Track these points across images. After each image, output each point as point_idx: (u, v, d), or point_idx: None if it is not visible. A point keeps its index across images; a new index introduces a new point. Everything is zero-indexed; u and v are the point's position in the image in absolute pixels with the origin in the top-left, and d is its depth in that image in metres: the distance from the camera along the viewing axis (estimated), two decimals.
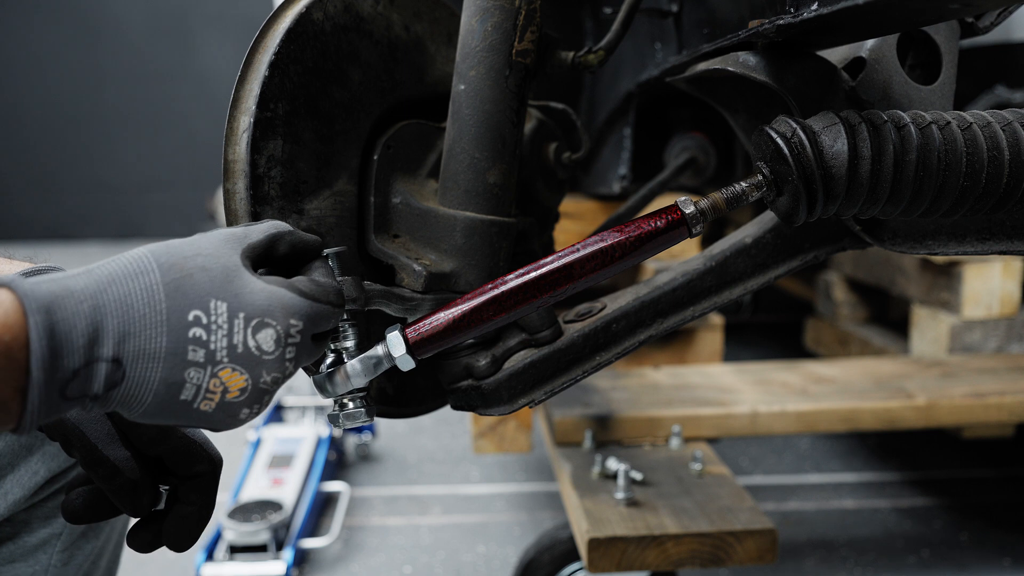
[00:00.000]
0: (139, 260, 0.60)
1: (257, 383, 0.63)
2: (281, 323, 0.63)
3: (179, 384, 0.59)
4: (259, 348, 0.62)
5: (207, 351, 0.60)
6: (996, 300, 2.00)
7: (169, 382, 0.59)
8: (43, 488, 0.89)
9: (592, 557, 1.17)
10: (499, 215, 0.90)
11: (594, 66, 0.97)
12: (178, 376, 0.59)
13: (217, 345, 0.60)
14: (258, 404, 0.64)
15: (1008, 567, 1.82)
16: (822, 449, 2.49)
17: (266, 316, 0.63)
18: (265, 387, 0.63)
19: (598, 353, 0.93)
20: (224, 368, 0.61)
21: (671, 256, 1.81)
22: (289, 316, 0.64)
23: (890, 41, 0.90)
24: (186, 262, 0.61)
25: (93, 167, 8.86)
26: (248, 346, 0.62)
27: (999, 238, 0.88)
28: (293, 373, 0.66)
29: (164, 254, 0.61)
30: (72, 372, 0.55)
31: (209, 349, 0.60)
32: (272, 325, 0.63)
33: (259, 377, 0.63)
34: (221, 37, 8.39)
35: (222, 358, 0.61)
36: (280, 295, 0.64)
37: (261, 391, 0.63)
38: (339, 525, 1.99)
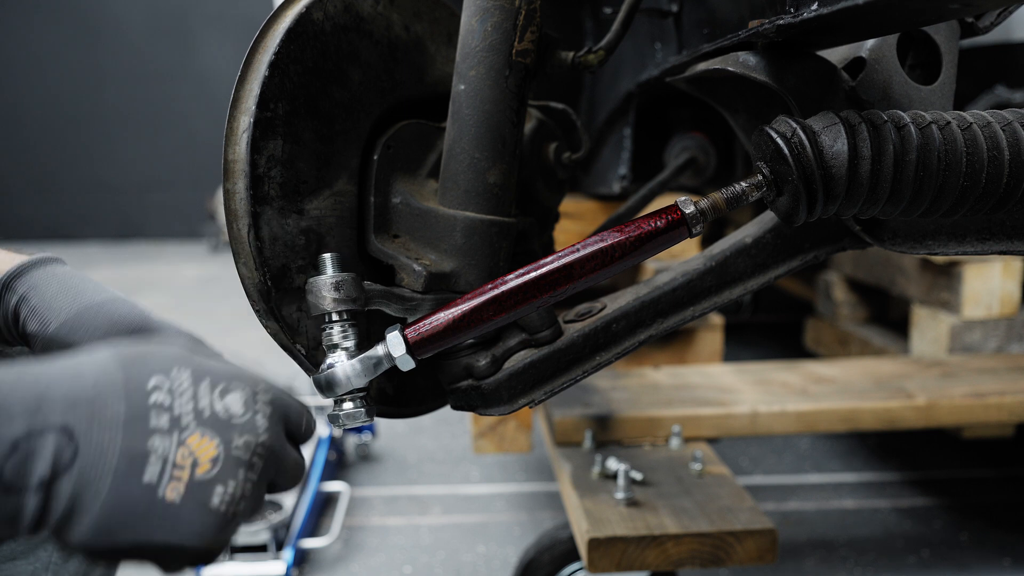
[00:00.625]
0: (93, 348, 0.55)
1: (229, 450, 0.56)
2: (248, 385, 0.59)
3: (143, 457, 0.52)
4: (228, 411, 0.57)
5: (171, 416, 0.54)
6: (996, 300, 2.00)
7: (131, 454, 0.52)
8: None
9: (592, 557, 1.17)
10: (499, 215, 0.90)
11: (594, 66, 0.97)
12: (142, 445, 0.52)
13: (182, 410, 0.55)
14: (233, 480, 0.56)
15: (1008, 567, 1.82)
16: (822, 449, 2.49)
17: (232, 380, 0.58)
18: (239, 454, 0.56)
19: (598, 353, 0.93)
20: (192, 433, 0.55)
21: (671, 256, 1.81)
22: (254, 383, 0.60)
23: (890, 41, 0.90)
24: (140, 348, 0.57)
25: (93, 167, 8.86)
26: (215, 409, 0.56)
27: (999, 238, 0.88)
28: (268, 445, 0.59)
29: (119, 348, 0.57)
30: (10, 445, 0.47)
31: (174, 414, 0.54)
32: (239, 388, 0.58)
33: (231, 442, 0.56)
34: (221, 37, 8.39)
35: (189, 423, 0.55)
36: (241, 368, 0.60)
37: (235, 460, 0.56)
38: (339, 525, 1.99)
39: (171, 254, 7.68)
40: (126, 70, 8.55)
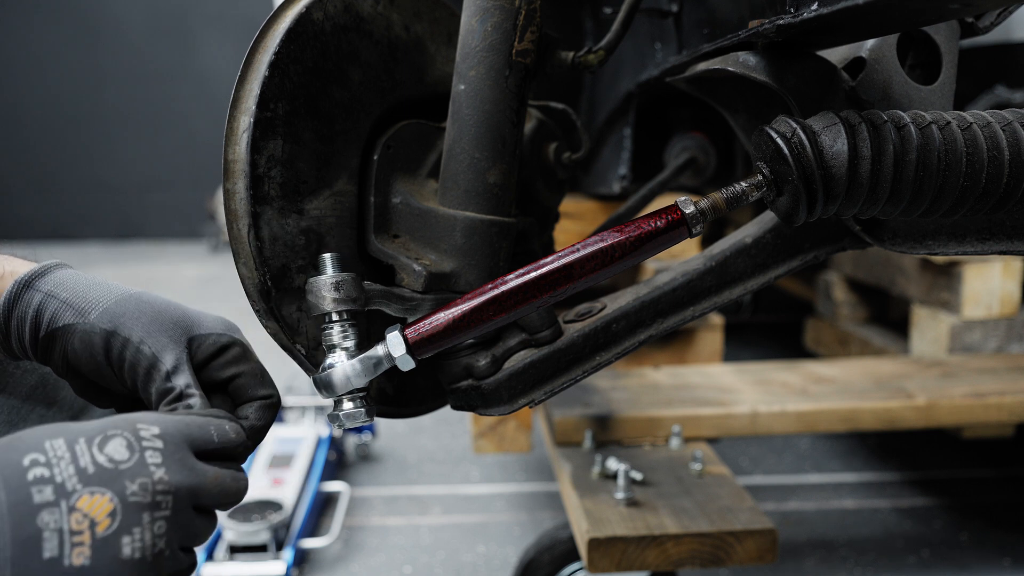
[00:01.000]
0: None
1: (125, 498, 0.54)
2: (127, 429, 0.57)
3: (36, 537, 0.51)
4: (111, 460, 0.55)
5: (55, 485, 0.53)
6: (996, 300, 2.00)
7: (23, 539, 0.50)
8: None
9: (592, 557, 1.17)
10: (499, 215, 0.90)
11: (594, 66, 0.97)
12: (31, 527, 0.51)
13: (64, 475, 0.53)
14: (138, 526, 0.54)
15: (1008, 567, 1.82)
16: (822, 449, 2.49)
17: (108, 430, 0.57)
18: (136, 498, 0.55)
19: (598, 353, 0.93)
20: (81, 496, 0.53)
21: (671, 256, 1.81)
22: (135, 423, 0.58)
23: (890, 41, 0.90)
24: (9, 435, 0.55)
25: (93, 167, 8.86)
26: (99, 462, 0.55)
27: (999, 238, 0.88)
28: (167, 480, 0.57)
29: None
30: None
31: (56, 483, 0.53)
32: (118, 434, 0.57)
33: (124, 489, 0.54)
34: (221, 37, 8.39)
35: (74, 486, 0.53)
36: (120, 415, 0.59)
37: (134, 505, 0.55)
38: (339, 525, 1.99)
39: (171, 254, 7.68)
40: (126, 70, 8.55)
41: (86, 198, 8.94)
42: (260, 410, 0.72)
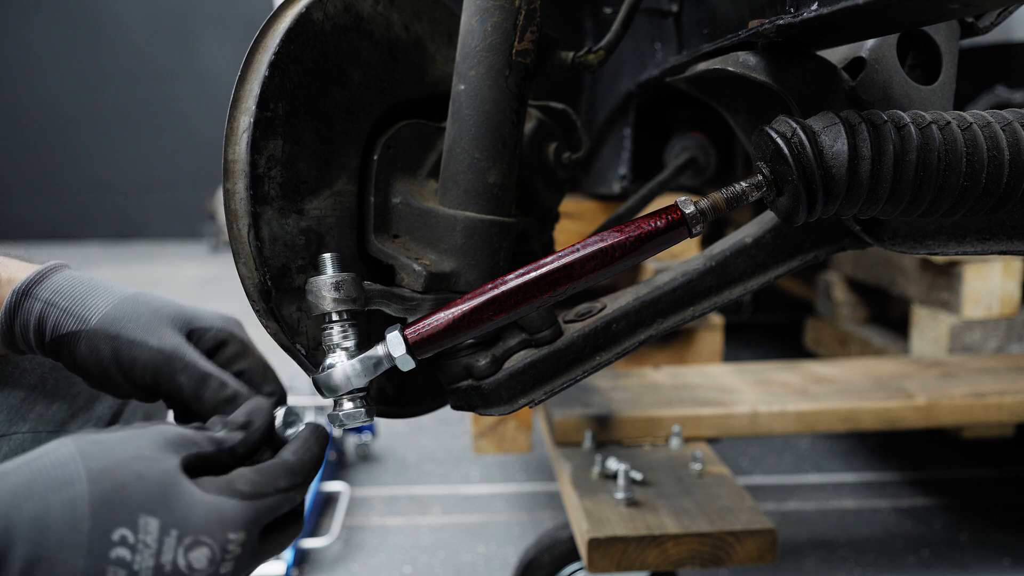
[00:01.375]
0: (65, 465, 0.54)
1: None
2: (218, 539, 0.57)
3: None
4: (190, 567, 0.56)
5: (129, 572, 0.53)
6: (996, 300, 2.00)
7: None
8: None
9: (592, 557, 1.17)
10: (499, 215, 0.90)
11: (594, 66, 0.97)
12: None
13: (142, 566, 0.54)
14: None
15: (1008, 567, 1.82)
16: (822, 449, 2.49)
17: (202, 534, 0.57)
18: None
19: (598, 353, 0.93)
20: None
21: (671, 256, 1.81)
22: (228, 530, 0.58)
23: (890, 41, 0.90)
24: (119, 468, 0.55)
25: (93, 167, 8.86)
26: (178, 565, 0.55)
27: (999, 238, 0.88)
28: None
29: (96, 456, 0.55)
30: None
31: (132, 570, 0.53)
32: (207, 544, 0.57)
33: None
34: (221, 37, 8.39)
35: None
36: (219, 507, 0.58)
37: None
38: (339, 525, 1.99)
39: (171, 254, 7.68)
40: (126, 70, 8.55)
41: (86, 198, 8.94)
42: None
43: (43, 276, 0.74)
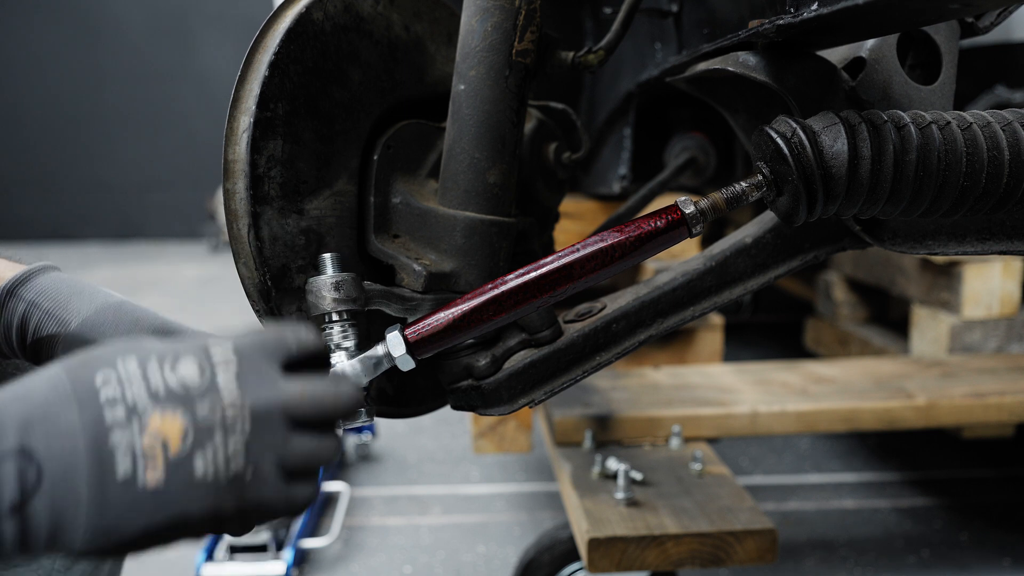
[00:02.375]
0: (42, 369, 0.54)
1: (196, 420, 0.54)
2: (199, 349, 0.56)
3: (110, 456, 0.51)
4: (183, 382, 0.55)
5: (126, 406, 0.53)
6: (996, 300, 2.00)
7: (98, 458, 0.51)
8: None
9: (592, 557, 1.17)
10: (499, 215, 0.90)
11: (594, 66, 0.97)
12: (104, 445, 0.51)
13: (136, 395, 0.53)
14: (210, 448, 0.54)
15: (1008, 567, 1.82)
16: (822, 449, 2.49)
17: (180, 350, 0.56)
18: (208, 420, 0.54)
19: (598, 353, 0.93)
20: (152, 414, 0.53)
21: (671, 256, 1.81)
22: (208, 345, 0.57)
23: (890, 41, 0.90)
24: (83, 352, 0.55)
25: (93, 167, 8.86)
26: (169, 384, 0.54)
27: (999, 238, 0.88)
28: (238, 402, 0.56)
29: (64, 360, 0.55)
30: None
31: (128, 403, 0.53)
32: (190, 355, 0.56)
33: (195, 411, 0.54)
34: (221, 37, 8.39)
35: (145, 406, 0.53)
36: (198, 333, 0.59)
37: (206, 427, 0.54)
38: (339, 525, 1.99)
39: (171, 254, 7.68)
40: (126, 70, 8.55)
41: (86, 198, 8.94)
42: None
43: (29, 276, 0.74)
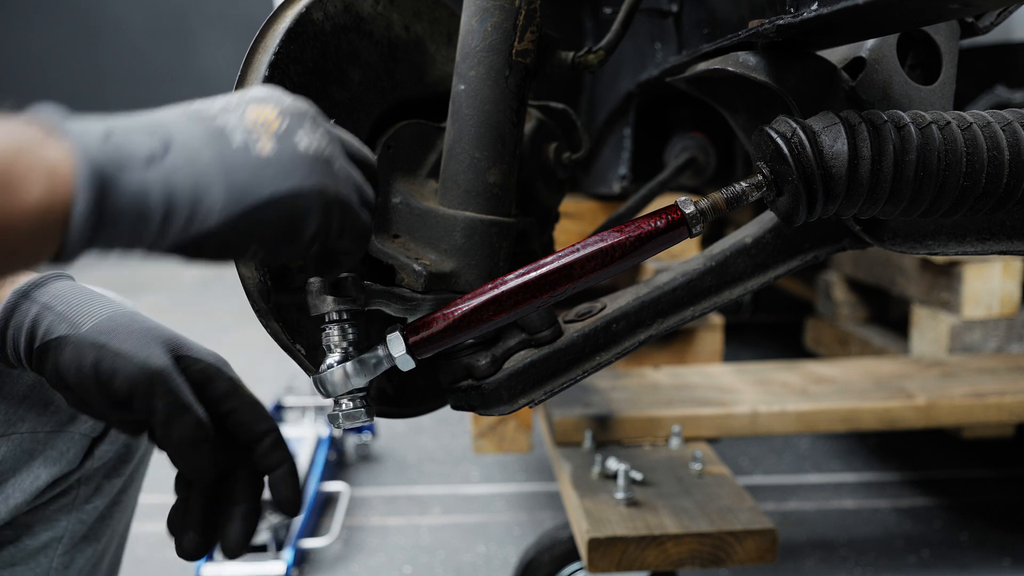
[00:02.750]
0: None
1: (285, 110, 0.59)
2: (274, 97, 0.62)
3: (222, 130, 0.56)
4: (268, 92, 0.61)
5: (224, 104, 0.59)
6: (996, 300, 2.00)
7: (213, 134, 0.56)
8: (45, 492, 0.89)
9: (592, 557, 1.17)
10: (499, 215, 0.90)
11: (594, 66, 0.97)
12: (215, 124, 0.57)
13: (227, 101, 0.60)
14: (305, 128, 0.60)
15: (1008, 567, 1.82)
16: (822, 449, 2.49)
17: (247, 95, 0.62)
18: (296, 110, 0.60)
19: (598, 353, 0.93)
20: (247, 107, 0.59)
21: (671, 256, 1.81)
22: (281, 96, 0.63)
23: (890, 41, 0.90)
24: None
25: None
26: (254, 94, 0.61)
27: (999, 238, 0.88)
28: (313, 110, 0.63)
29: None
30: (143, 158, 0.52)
31: (219, 104, 0.59)
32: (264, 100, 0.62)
33: (283, 105, 0.60)
34: (221, 37, 8.39)
35: (239, 102, 0.59)
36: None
37: (296, 114, 0.60)
38: (339, 525, 1.99)
39: None
40: (126, 70, 8.55)
41: None
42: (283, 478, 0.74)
43: (45, 281, 0.75)
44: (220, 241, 0.55)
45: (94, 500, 0.95)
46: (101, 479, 0.95)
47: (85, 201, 0.49)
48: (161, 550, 1.96)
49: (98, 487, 0.95)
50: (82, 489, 0.93)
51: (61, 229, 0.49)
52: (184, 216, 0.53)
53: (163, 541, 1.99)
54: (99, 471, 0.94)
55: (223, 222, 0.55)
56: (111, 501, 0.97)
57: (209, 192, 0.54)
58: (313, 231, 0.60)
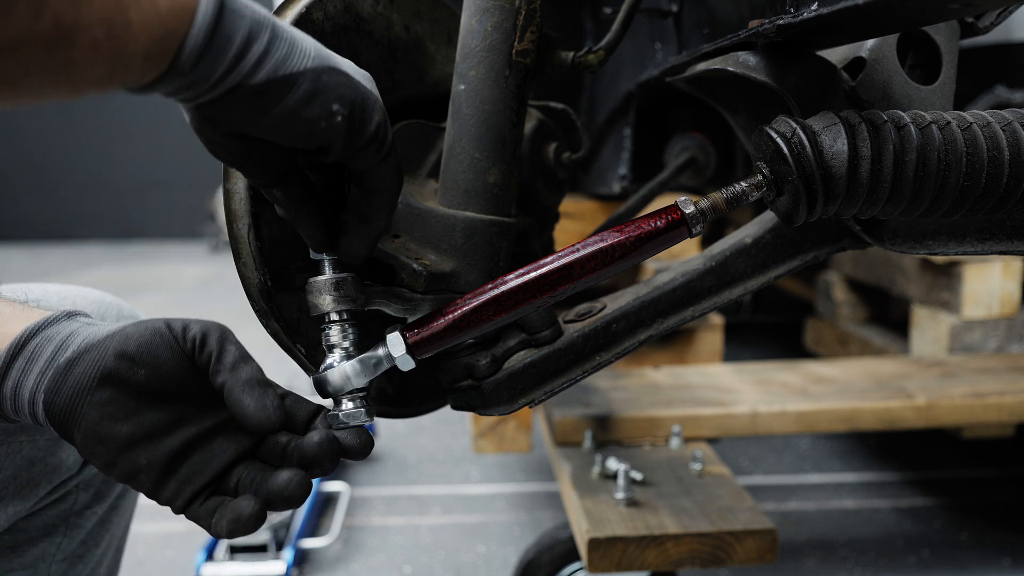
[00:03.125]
0: None
1: None
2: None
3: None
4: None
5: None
6: (996, 300, 2.00)
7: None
8: (44, 498, 0.88)
9: (592, 557, 1.17)
10: (499, 215, 0.90)
11: (594, 66, 0.97)
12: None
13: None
14: None
15: (1008, 567, 1.82)
16: (822, 449, 2.49)
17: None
18: None
19: (598, 353, 0.93)
20: None
21: (671, 256, 1.82)
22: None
23: (890, 41, 0.90)
24: None
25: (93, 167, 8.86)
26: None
27: (999, 238, 0.88)
28: None
29: None
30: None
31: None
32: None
33: None
34: None
35: None
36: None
37: None
38: (339, 525, 1.99)
39: (171, 254, 7.69)
40: None
41: (86, 198, 8.94)
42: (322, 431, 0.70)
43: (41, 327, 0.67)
44: (310, 86, 0.59)
45: (93, 506, 0.94)
46: (100, 485, 0.95)
47: (206, 11, 0.53)
48: (161, 550, 1.96)
49: (97, 493, 0.95)
50: (80, 495, 0.93)
51: (179, 41, 0.53)
52: (283, 52, 0.58)
53: (163, 541, 2.00)
54: (98, 477, 0.94)
55: (314, 67, 0.60)
56: (110, 506, 0.97)
57: (303, 43, 0.60)
58: (377, 123, 0.65)
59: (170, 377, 0.65)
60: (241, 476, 0.67)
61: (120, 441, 0.63)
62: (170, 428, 0.65)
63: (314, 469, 0.68)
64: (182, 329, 0.67)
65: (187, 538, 2.00)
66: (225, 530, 0.63)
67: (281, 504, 0.65)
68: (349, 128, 0.63)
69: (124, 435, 0.63)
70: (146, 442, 0.64)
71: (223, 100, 0.58)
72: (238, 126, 0.61)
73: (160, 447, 0.64)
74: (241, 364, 0.67)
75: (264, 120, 0.60)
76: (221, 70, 0.55)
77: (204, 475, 0.66)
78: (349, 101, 0.62)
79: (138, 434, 0.63)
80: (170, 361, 0.65)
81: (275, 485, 0.65)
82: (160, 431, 0.65)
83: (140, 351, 0.64)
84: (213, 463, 0.66)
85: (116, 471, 0.64)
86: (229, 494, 0.66)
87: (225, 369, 0.66)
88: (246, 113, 0.59)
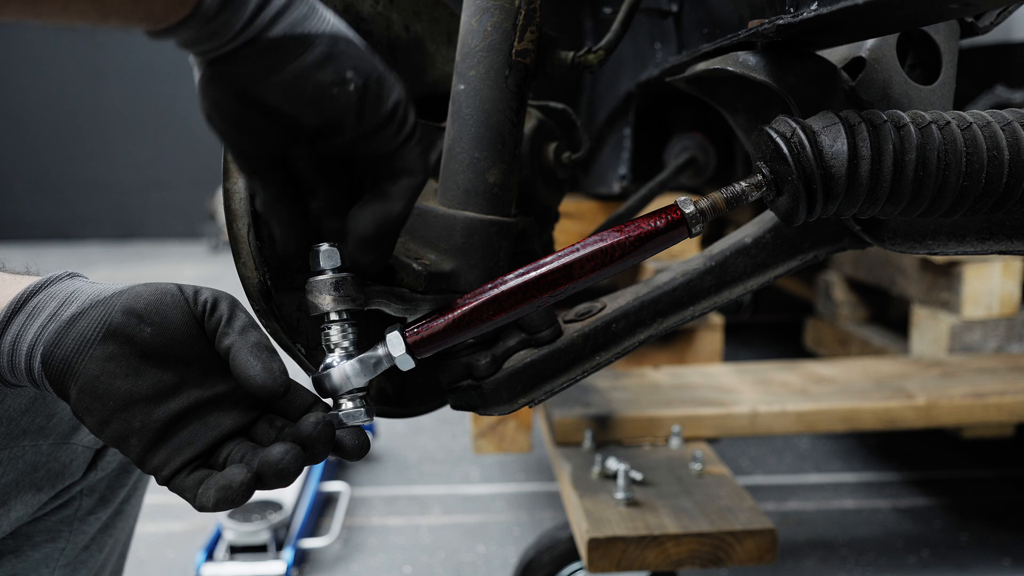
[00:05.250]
0: None
1: None
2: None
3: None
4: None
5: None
6: (996, 300, 2.00)
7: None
8: (47, 504, 0.88)
9: (592, 557, 1.17)
10: (499, 215, 0.90)
11: (594, 66, 0.97)
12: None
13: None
14: None
15: (1008, 567, 1.82)
16: (822, 449, 2.49)
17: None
18: None
19: (598, 353, 0.93)
20: None
21: (671, 256, 1.82)
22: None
23: (890, 41, 0.90)
24: None
25: (93, 167, 8.86)
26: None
27: (999, 238, 0.88)
28: None
29: None
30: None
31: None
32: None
33: None
34: None
35: None
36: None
37: None
38: (339, 525, 1.99)
39: (171, 254, 7.69)
40: (126, 70, 8.55)
41: (86, 198, 8.94)
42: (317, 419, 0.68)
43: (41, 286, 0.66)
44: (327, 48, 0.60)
45: (97, 511, 0.94)
46: (104, 490, 0.94)
47: None
48: (161, 550, 1.96)
49: (101, 498, 0.94)
50: (84, 500, 0.93)
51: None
52: (302, 11, 0.59)
53: (163, 541, 2.00)
54: (102, 482, 0.93)
55: (332, 33, 0.60)
56: (114, 511, 0.97)
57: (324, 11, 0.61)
58: (394, 102, 0.64)
59: (176, 339, 0.63)
60: (231, 451, 0.64)
61: (118, 399, 0.60)
62: (169, 392, 0.62)
63: (308, 452, 0.65)
64: (193, 293, 0.66)
65: (187, 538, 2.00)
66: (212, 500, 0.60)
67: (273, 478, 0.61)
68: (362, 100, 0.62)
69: (123, 393, 0.60)
70: (143, 404, 0.61)
71: (238, 54, 0.58)
72: (249, 85, 0.60)
73: (156, 411, 0.61)
74: (250, 329, 0.66)
75: (276, 78, 0.59)
76: (243, 20, 0.56)
77: (195, 446, 0.63)
78: (365, 72, 0.62)
79: (137, 394, 0.61)
80: (178, 322, 0.64)
81: (269, 457, 0.61)
82: (159, 394, 0.62)
83: (149, 309, 0.63)
84: (206, 435, 0.63)
85: (108, 431, 0.61)
86: (216, 469, 0.63)
87: (234, 332, 0.65)
88: (260, 68, 0.59)
